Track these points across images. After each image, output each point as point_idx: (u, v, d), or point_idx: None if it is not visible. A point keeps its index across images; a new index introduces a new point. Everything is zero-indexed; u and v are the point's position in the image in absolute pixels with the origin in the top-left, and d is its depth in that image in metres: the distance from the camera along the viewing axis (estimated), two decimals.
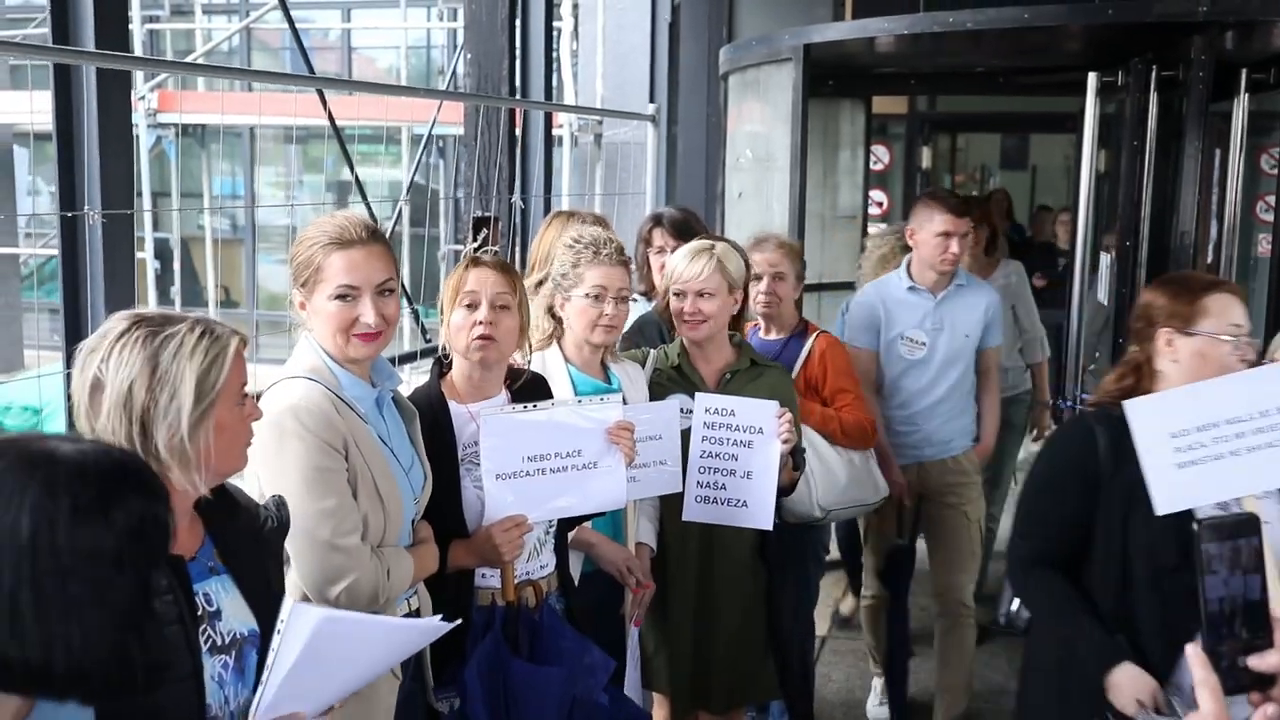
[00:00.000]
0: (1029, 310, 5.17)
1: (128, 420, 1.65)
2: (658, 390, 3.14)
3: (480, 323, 2.54)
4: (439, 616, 1.80)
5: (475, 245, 2.75)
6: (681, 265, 3.13)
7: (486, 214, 4.64)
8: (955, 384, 4.06)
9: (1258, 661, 1.33)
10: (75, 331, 2.93)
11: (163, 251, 12.44)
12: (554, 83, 6.61)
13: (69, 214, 2.85)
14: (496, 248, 4.65)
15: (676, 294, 3.13)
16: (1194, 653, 1.28)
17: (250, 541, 1.86)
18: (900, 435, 4.10)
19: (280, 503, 1.96)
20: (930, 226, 3.93)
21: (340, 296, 2.21)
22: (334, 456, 2.16)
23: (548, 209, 5.34)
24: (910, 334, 4.02)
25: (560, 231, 3.62)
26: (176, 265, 11.67)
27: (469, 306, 2.57)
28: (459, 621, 1.77)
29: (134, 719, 1.57)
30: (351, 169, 4.31)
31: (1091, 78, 4.17)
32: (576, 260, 2.96)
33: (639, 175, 6.54)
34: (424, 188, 13.06)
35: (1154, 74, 4.06)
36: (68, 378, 2.74)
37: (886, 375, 4.11)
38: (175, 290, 11.81)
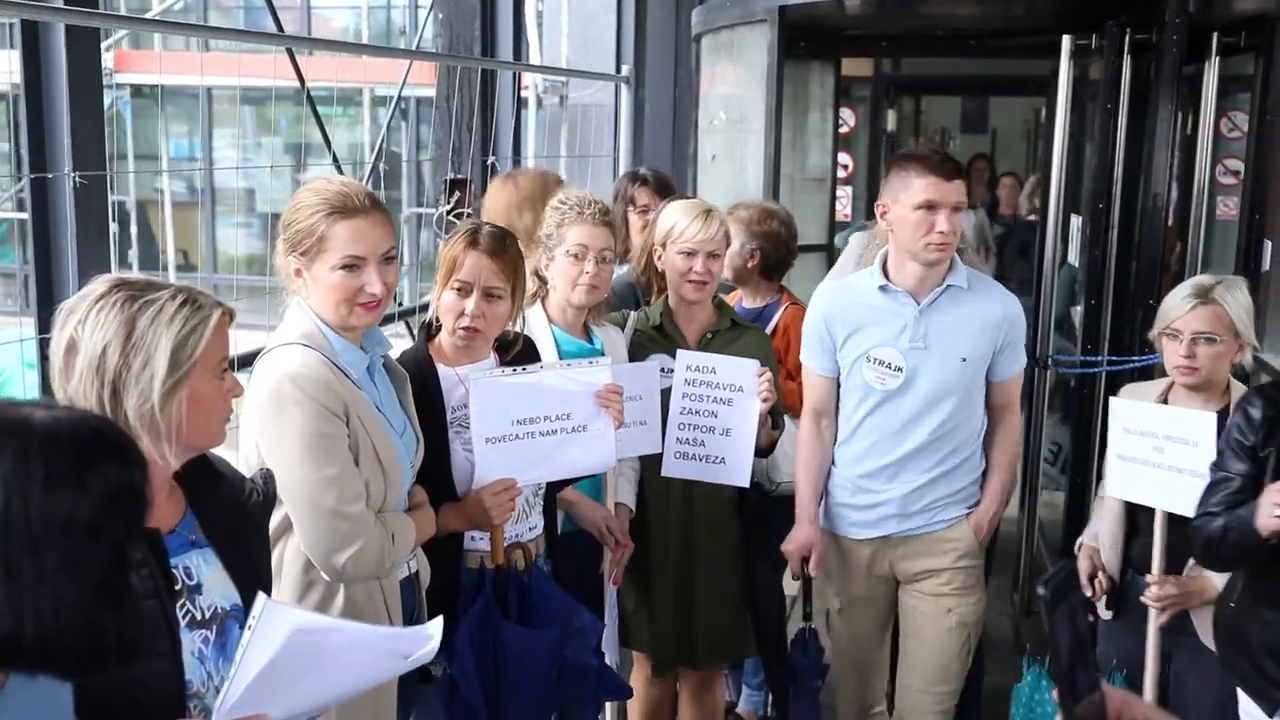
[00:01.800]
0: None
1: (99, 384, 1.61)
2: (639, 350, 3.15)
3: (468, 314, 2.53)
4: (427, 626, 1.74)
5: (448, 208, 2.73)
6: (693, 226, 3.10)
7: (460, 176, 4.60)
8: (943, 428, 2.96)
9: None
10: (47, 296, 2.88)
11: (118, 215, 12.22)
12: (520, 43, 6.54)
13: (49, 175, 2.78)
14: (469, 210, 4.64)
15: (685, 253, 3.11)
16: None
17: (233, 514, 1.82)
18: (856, 497, 3.06)
19: (268, 476, 1.93)
20: (906, 196, 2.83)
21: (345, 267, 2.18)
22: (334, 423, 2.14)
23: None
24: (879, 353, 2.94)
25: (498, 191, 3.59)
26: (134, 229, 11.46)
27: (459, 291, 2.54)
28: (437, 640, 1.73)
29: (113, 695, 1.55)
30: (323, 132, 4.25)
31: (1065, 40, 4.19)
32: (561, 220, 2.97)
33: (603, 137, 6.49)
34: (385, 151, 12.89)
35: (1127, 37, 4.08)
36: (41, 344, 2.71)
37: (845, 413, 3.06)
38: (133, 254, 11.61)
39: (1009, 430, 3.12)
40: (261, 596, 1.56)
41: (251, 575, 1.79)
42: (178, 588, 1.68)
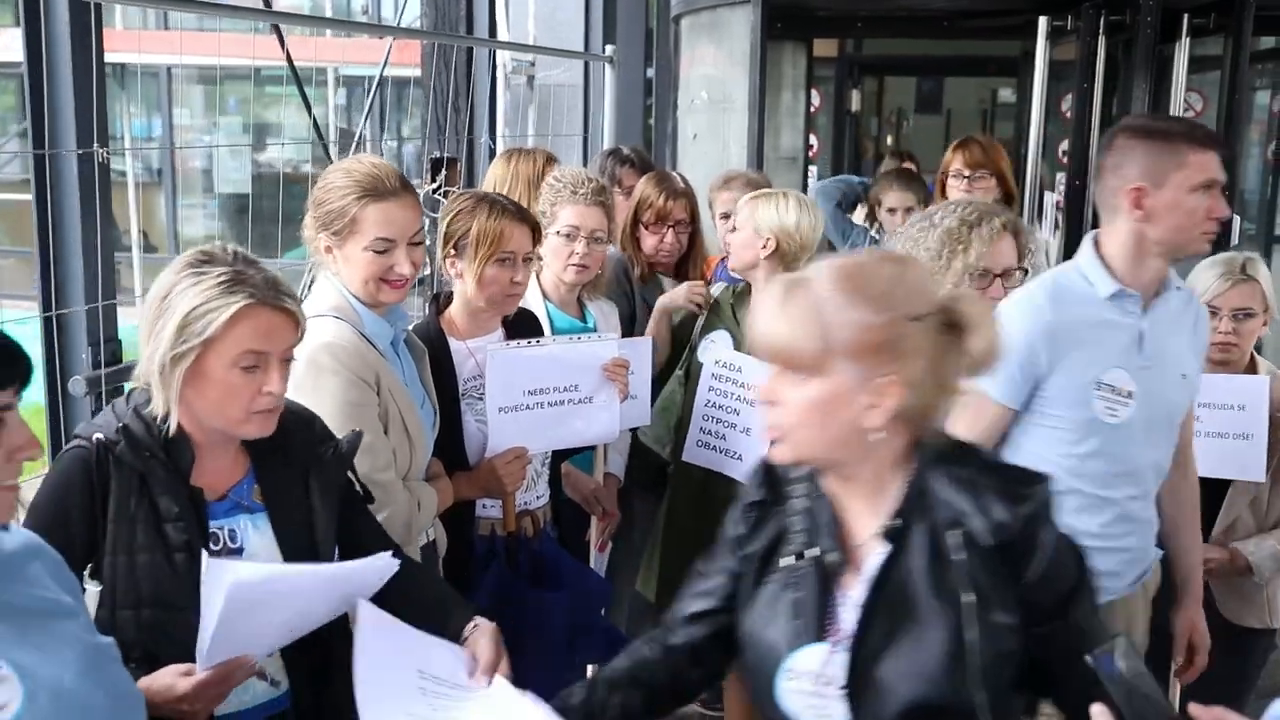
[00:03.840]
0: None
1: (146, 330, 1.71)
2: (708, 321, 3.20)
3: (516, 281, 2.59)
4: (389, 553, 1.75)
5: (434, 187, 2.76)
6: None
7: (452, 156, 4.62)
8: (1161, 464, 2.42)
9: None
10: (48, 275, 2.86)
11: None
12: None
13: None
14: (457, 188, 4.65)
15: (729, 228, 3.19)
16: None
17: (296, 482, 1.85)
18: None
19: (353, 438, 1.97)
20: (1181, 177, 2.19)
21: (376, 249, 2.22)
22: (367, 392, 2.19)
23: (492, 151, 5.30)
24: (1111, 378, 2.29)
25: (504, 168, 3.62)
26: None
27: (501, 262, 2.56)
28: (397, 562, 1.75)
29: (133, 645, 1.64)
30: (309, 111, 4.25)
31: (1042, 21, 4.28)
32: (555, 199, 3.01)
33: (572, 117, 6.50)
34: (349, 131, 12.82)
35: (1103, 18, 4.18)
36: (45, 322, 2.72)
37: (1053, 457, 2.28)
38: None
39: (1191, 476, 2.55)
40: (204, 556, 1.61)
41: (303, 544, 1.82)
42: (216, 548, 1.73)
